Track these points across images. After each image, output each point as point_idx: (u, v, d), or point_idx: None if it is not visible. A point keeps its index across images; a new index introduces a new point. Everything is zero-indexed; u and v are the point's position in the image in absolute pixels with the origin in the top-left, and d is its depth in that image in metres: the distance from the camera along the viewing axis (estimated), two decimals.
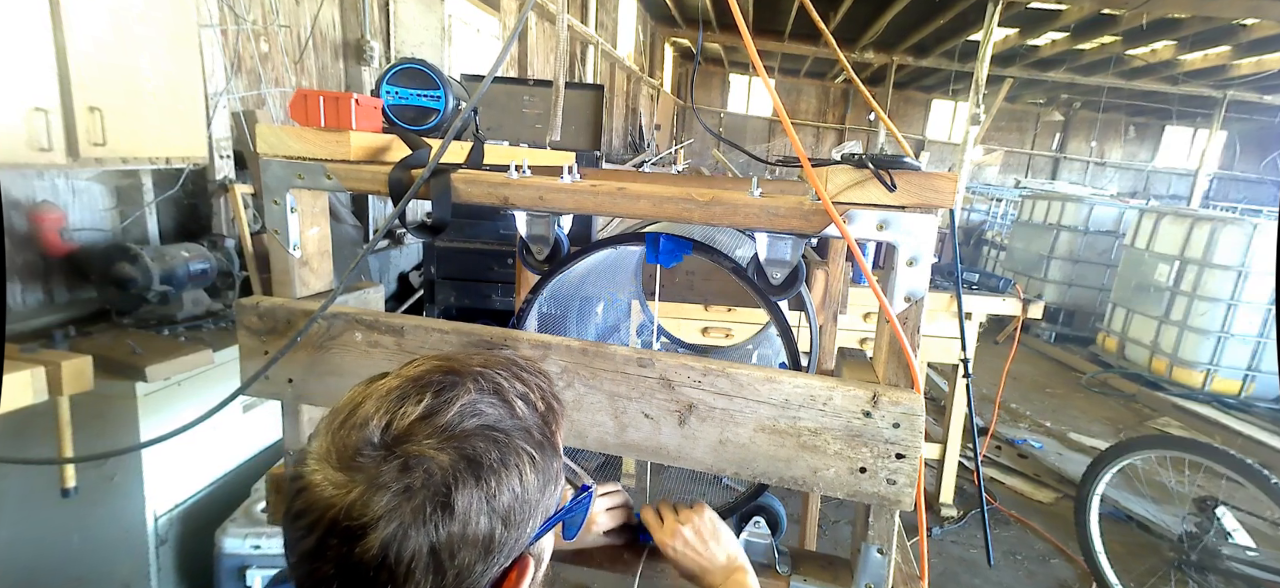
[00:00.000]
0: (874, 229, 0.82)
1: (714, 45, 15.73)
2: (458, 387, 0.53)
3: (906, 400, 0.82)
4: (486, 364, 0.58)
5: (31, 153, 1.91)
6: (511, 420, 0.54)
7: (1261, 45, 9.59)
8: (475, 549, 0.49)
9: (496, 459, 0.51)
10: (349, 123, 0.96)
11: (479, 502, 0.49)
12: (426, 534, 0.47)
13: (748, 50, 0.91)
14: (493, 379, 0.56)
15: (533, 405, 0.57)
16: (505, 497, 0.51)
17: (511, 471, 0.52)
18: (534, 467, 0.54)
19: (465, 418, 0.52)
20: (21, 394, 1.68)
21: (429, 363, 0.56)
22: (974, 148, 8.46)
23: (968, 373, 1.49)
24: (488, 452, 0.51)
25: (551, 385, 0.62)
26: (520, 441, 0.54)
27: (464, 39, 5.81)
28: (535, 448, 0.55)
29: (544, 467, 0.55)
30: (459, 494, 0.48)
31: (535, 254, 1.04)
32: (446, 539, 0.48)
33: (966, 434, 3.53)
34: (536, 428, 0.56)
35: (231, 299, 2.73)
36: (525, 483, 0.53)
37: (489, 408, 0.54)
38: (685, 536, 0.94)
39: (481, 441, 0.51)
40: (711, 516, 0.97)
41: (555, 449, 0.58)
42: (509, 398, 0.56)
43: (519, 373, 0.59)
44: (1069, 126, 19.40)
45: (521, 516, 0.52)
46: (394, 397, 0.52)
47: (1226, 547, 2.73)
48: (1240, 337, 5.47)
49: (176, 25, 2.37)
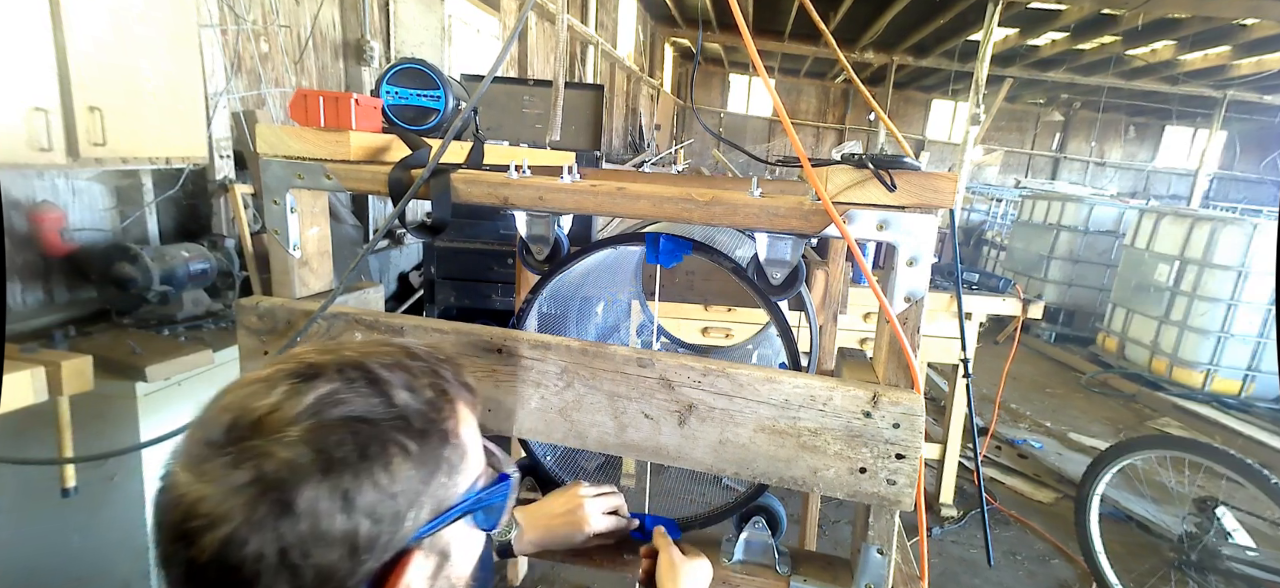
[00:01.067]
0: (874, 229, 0.82)
1: (714, 45, 15.74)
2: (318, 377, 0.51)
3: (906, 401, 0.82)
4: (365, 353, 0.55)
5: (31, 153, 1.91)
6: (385, 410, 0.51)
7: (1261, 45, 9.60)
8: (337, 548, 0.47)
9: (353, 452, 0.48)
10: (349, 123, 0.96)
11: (329, 498, 0.46)
12: (268, 535, 0.45)
13: (748, 50, 0.91)
14: (366, 368, 0.53)
15: (418, 393, 0.54)
16: (367, 492, 0.48)
17: (374, 463, 0.49)
18: (409, 458, 0.51)
19: (323, 409, 0.49)
20: (21, 394, 1.68)
21: (296, 355, 0.54)
22: (974, 148, 8.46)
23: (968, 373, 1.49)
24: (343, 444, 0.48)
25: (454, 372, 0.59)
26: (392, 431, 0.50)
27: (464, 39, 5.81)
28: (413, 438, 0.51)
29: (426, 457, 0.52)
30: (301, 492, 0.45)
31: (535, 254, 1.04)
32: (295, 540, 0.45)
33: (966, 434, 3.53)
34: (418, 416, 0.53)
35: (231, 299, 2.73)
36: (396, 475, 0.50)
37: (355, 398, 0.50)
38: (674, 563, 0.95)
39: (338, 433, 0.48)
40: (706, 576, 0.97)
41: (447, 438, 0.54)
42: (385, 387, 0.52)
43: (404, 362, 0.56)
44: (1069, 126, 19.40)
45: (394, 509, 0.49)
46: (247, 390, 0.50)
47: (1226, 547, 2.73)
48: (1240, 337, 5.47)
49: (176, 25, 2.37)
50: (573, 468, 1.21)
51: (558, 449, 1.19)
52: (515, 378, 0.92)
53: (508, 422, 0.94)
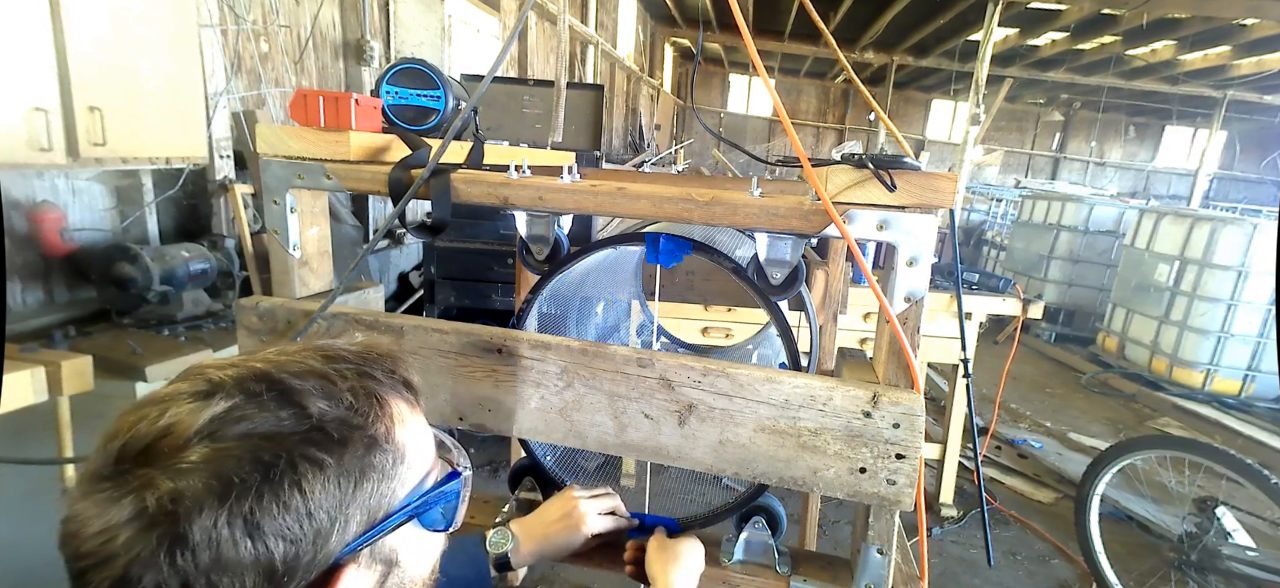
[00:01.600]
0: (874, 229, 0.82)
1: (714, 45, 15.74)
2: (214, 395, 0.47)
3: (906, 401, 0.82)
4: (274, 362, 0.51)
5: (31, 153, 1.91)
6: (295, 423, 0.47)
7: (1261, 45, 9.60)
8: (250, 575, 0.44)
9: (255, 474, 0.44)
10: (349, 123, 0.96)
11: (229, 526, 0.43)
12: (164, 571, 0.42)
13: (748, 50, 0.91)
14: (273, 378, 0.49)
15: (336, 399, 0.50)
16: (277, 515, 0.44)
17: (281, 483, 0.45)
18: (324, 472, 0.47)
19: (219, 429, 0.45)
20: (21, 394, 1.68)
21: (199, 369, 0.50)
22: (974, 148, 8.46)
23: (968, 373, 1.49)
24: (242, 467, 0.44)
25: (387, 369, 0.56)
26: (303, 446, 0.46)
27: (464, 39, 5.81)
28: (331, 450, 0.48)
29: (348, 468, 0.48)
30: (196, 522, 0.42)
31: (535, 254, 1.04)
32: (197, 573, 0.42)
33: (966, 434, 3.53)
34: (338, 424, 0.49)
35: (231, 299, 2.74)
36: (309, 493, 0.46)
37: (259, 413, 0.46)
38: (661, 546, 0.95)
39: (237, 454, 0.44)
40: (697, 555, 0.98)
41: (374, 443, 0.51)
42: (297, 397, 0.48)
43: (320, 367, 0.52)
44: (1069, 126, 19.41)
45: (314, 528, 0.46)
46: (140, 413, 0.46)
47: (1226, 547, 2.73)
48: (1240, 337, 5.47)
49: (176, 25, 2.37)
50: (573, 468, 1.21)
51: (558, 449, 1.19)
52: (515, 378, 0.92)
53: (508, 422, 0.94)
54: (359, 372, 0.53)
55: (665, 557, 0.94)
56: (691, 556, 0.96)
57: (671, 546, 0.96)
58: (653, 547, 0.96)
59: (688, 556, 0.96)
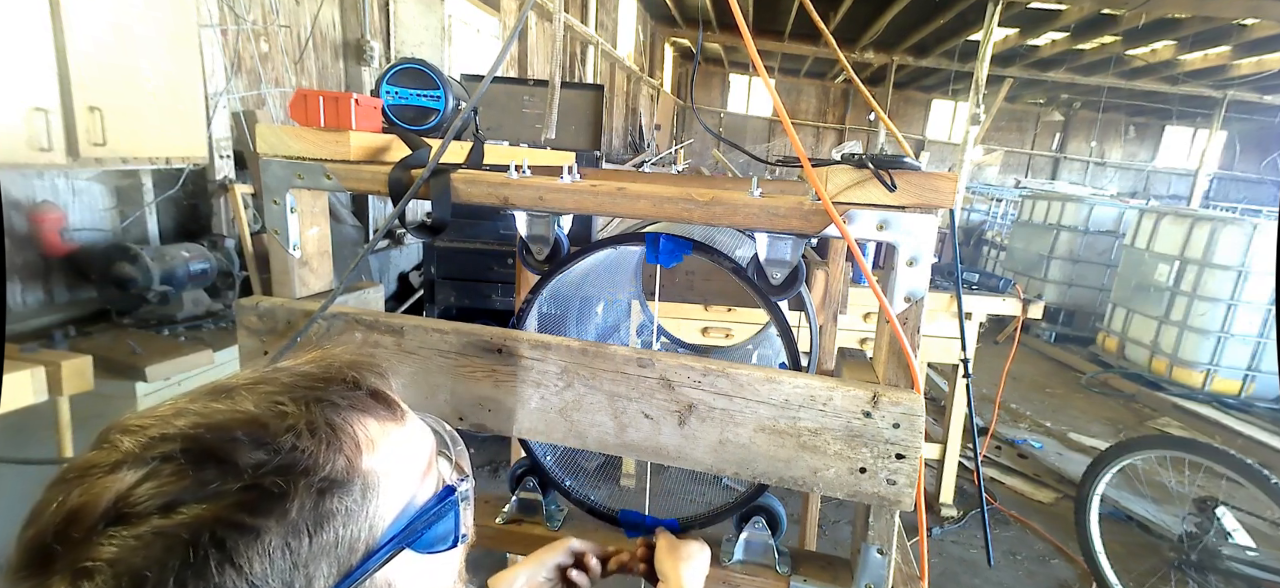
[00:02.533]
0: (874, 229, 0.82)
1: (714, 45, 15.74)
2: (119, 467, 0.39)
3: (906, 401, 0.82)
4: (200, 415, 0.43)
5: (31, 153, 1.91)
6: (222, 485, 0.39)
7: (1261, 45, 9.60)
8: None
9: (174, 562, 0.36)
10: (349, 123, 0.96)
11: None
12: None
13: (748, 50, 0.91)
14: (192, 435, 0.41)
15: (273, 444, 0.42)
16: None
17: (212, 567, 0.37)
18: (261, 538, 0.39)
19: (130, 509, 0.37)
20: (21, 394, 1.68)
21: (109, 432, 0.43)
22: (974, 148, 8.46)
23: (968, 373, 1.49)
24: (157, 557, 0.36)
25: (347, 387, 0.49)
26: (235, 513, 0.39)
27: (464, 39, 5.81)
28: (272, 509, 0.40)
29: (298, 524, 0.41)
30: None
31: (535, 254, 1.04)
32: None
33: (966, 434, 3.53)
34: (277, 475, 0.41)
35: (231, 299, 2.74)
36: (250, 566, 0.38)
37: (178, 481, 0.38)
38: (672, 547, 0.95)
39: (149, 543, 0.36)
40: (705, 554, 0.97)
41: (331, 485, 0.43)
42: (226, 453, 0.40)
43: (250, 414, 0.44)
44: (1069, 126, 19.41)
45: None
46: (59, 488, 0.40)
47: (1226, 547, 2.73)
48: (1240, 337, 5.47)
49: (176, 25, 2.37)
50: (573, 468, 1.21)
51: (558, 449, 1.19)
52: (515, 378, 0.92)
53: (508, 422, 0.94)
54: (309, 400, 0.46)
55: (675, 555, 0.94)
56: (700, 554, 0.97)
57: (681, 544, 0.97)
58: (662, 546, 0.96)
59: (697, 554, 0.96)
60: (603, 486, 1.23)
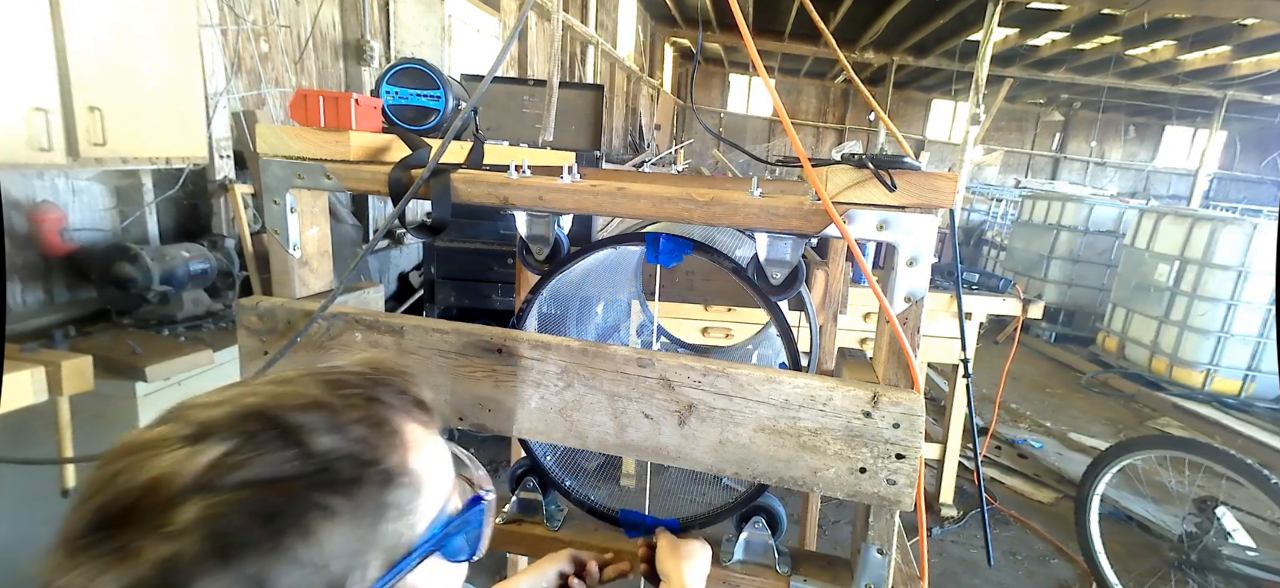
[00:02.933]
0: (874, 229, 0.82)
1: (714, 45, 15.74)
2: (209, 436, 0.42)
3: (906, 400, 0.82)
4: (273, 396, 0.46)
5: (31, 153, 1.91)
6: (300, 464, 0.42)
7: (1261, 45, 9.59)
8: None
9: (260, 529, 0.39)
10: (349, 123, 0.96)
11: None
12: None
13: (748, 50, 0.91)
14: (272, 416, 0.44)
15: (344, 432, 0.45)
16: (286, 571, 0.40)
17: (288, 536, 0.40)
18: (336, 518, 0.42)
19: (216, 479, 0.40)
20: (21, 394, 1.68)
21: (192, 406, 0.45)
22: (974, 148, 8.46)
23: (968, 373, 1.49)
24: (243, 523, 0.39)
25: (398, 391, 0.51)
26: (309, 491, 0.42)
27: (464, 39, 5.81)
28: (342, 492, 0.43)
29: (362, 509, 0.44)
30: None
31: (535, 254, 1.04)
32: None
33: (966, 434, 3.53)
34: (348, 461, 0.44)
35: (231, 299, 2.74)
36: (320, 543, 0.41)
37: (259, 457, 0.42)
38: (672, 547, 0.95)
39: (237, 508, 0.39)
40: (706, 554, 0.97)
41: (389, 477, 0.46)
42: (299, 435, 0.43)
43: (322, 399, 0.47)
44: (1069, 126, 19.41)
45: (328, 579, 0.42)
46: (124, 462, 0.41)
47: (1226, 547, 2.73)
48: (1240, 337, 5.47)
49: (176, 25, 2.37)
50: (573, 468, 1.21)
51: (558, 449, 1.19)
52: (515, 378, 0.92)
53: (508, 422, 0.94)
54: (366, 397, 0.49)
55: (677, 555, 0.94)
56: (702, 554, 0.97)
57: (682, 544, 0.97)
58: (663, 546, 0.96)
59: (699, 554, 0.96)
60: (603, 486, 1.23)
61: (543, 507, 1.12)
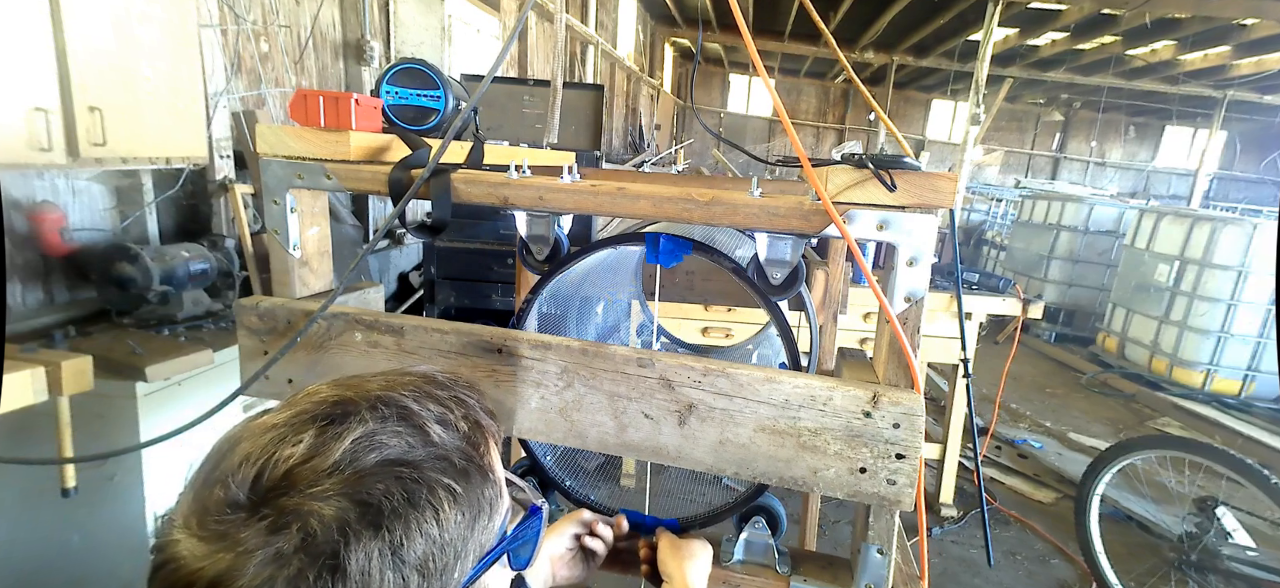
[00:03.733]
0: (874, 229, 0.82)
1: (714, 45, 15.74)
2: (349, 418, 0.45)
3: (906, 401, 0.82)
4: (390, 386, 0.49)
5: (31, 153, 1.91)
6: (424, 450, 0.46)
7: (1261, 45, 9.60)
8: None
9: (402, 501, 0.43)
10: (349, 123, 0.96)
11: (381, 556, 0.41)
12: None
13: (748, 50, 0.91)
14: (397, 403, 0.47)
15: (453, 427, 0.49)
16: (418, 544, 0.43)
17: (424, 511, 0.43)
18: (455, 502, 0.45)
19: (360, 455, 0.43)
20: (21, 394, 1.68)
21: (317, 393, 0.49)
22: (974, 148, 8.46)
23: (968, 373, 1.49)
24: (390, 493, 0.42)
25: (479, 399, 0.54)
26: (435, 473, 0.45)
27: (464, 39, 5.81)
28: (457, 479, 0.46)
29: (470, 499, 0.47)
30: (352, 552, 0.40)
31: (535, 254, 1.04)
32: None
33: (966, 434, 3.53)
34: (458, 453, 0.48)
35: (231, 299, 2.73)
36: (444, 523, 0.44)
37: (392, 439, 0.45)
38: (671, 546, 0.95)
39: (381, 480, 0.43)
40: (708, 554, 0.98)
41: (485, 474, 0.49)
42: (420, 423, 0.47)
43: (432, 391, 0.50)
44: (1069, 126, 19.40)
45: (444, 561, 0.44)
46: (269, 438, 0.44)
47: (1226, 547, 2.73)
48: (1240, 337, 5.47)
49: (176, 25, 2.37)
50: (573, 468, 1.21)
51: (558, 449, 1.19)
52: (515, 378, 0.92)
53: (508, 422, 0.94)
54: (458, 399, 0.52)
55: (679, 555, 0.94)
56: (703, 554, 0.97)
57: (684, 544, 0.97)
58: (665, 546, 0.97)
59: (700, 553, 0.96)
60: (603, 486, 1.23)
61: None
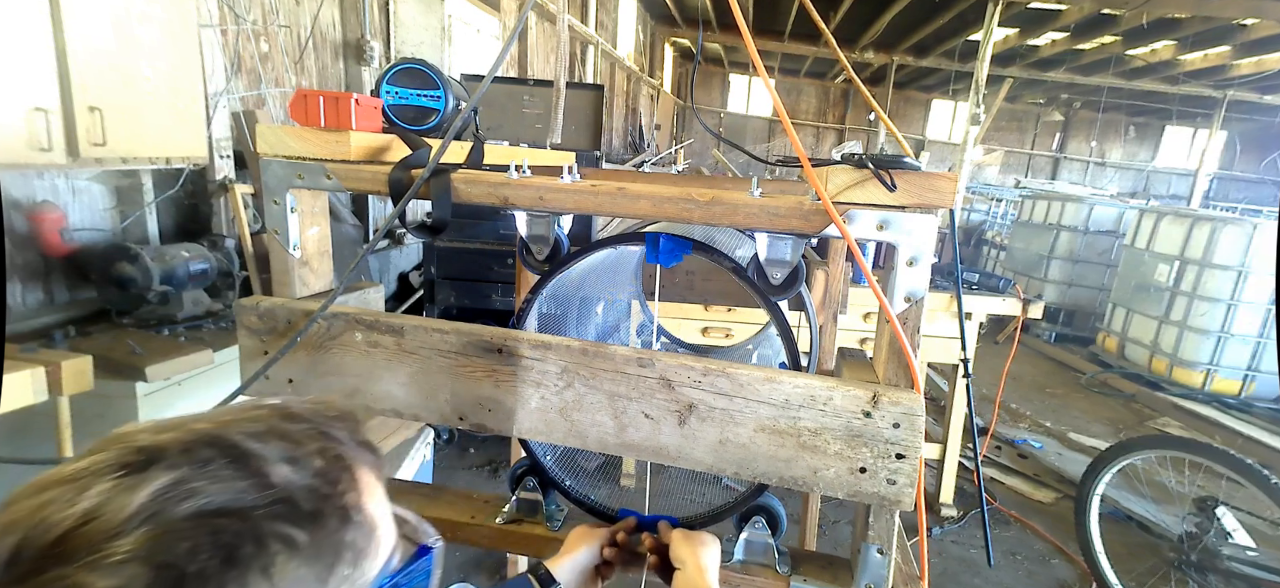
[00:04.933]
0: (874, 229, 0.82)
1: (714, 45, 15.73)
2: (155, 463, 0.38)
3: (906, 400, 0.81)
4: (224, 424, 0.42)
5: (31, 153, 1.91)
6: (259, 494, 0.39)
7: (1261, 45, 9.59)
8: None
9: (215, 560, 0.36)
10: (349, 123, 0.96)
11: None
12: None
13: (748, 50, 0.91)
14: (226, 442, 0.40)
15: (303, 464, 0.42)
16: None
17: (247, 569, 0.37)
18: (295, 552, 0.39)
19: (165, 508, 0.36)
20: (21, 394, 1.68)
21: (126, 438, 0.41)
22: (974, 148, 8.46)
23: (968, 373, 1.49)
24: (197, 552, 0.35)
25: (351, 430, 0.48)
26: (270, 521, 0.38)
27: (464, 39, 5.81)
28: (301, 525, 0.40)
29: (321, 546, 0.41)
30: None
31: (535, 254, 1.04)
32: None
33: (966, 434, 3.53)
34: (307, 495, 0.41)
35: (231, 299, 2.74)
36: (278, 579, 0.38)
37: (212, 485, 0.38)
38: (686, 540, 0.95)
39: (189, 537, 0.36)
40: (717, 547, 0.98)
41: (347, 515, 0.43)
42: (258, 464, 0.40)
43: (280, 426, 0.44)
44: (1069, 126, 19.40)
45: None
46: (45, 498, 0.36)
47: (1226, 547, 2.73)
48: (1240, 337, 5.47)
49: (176, 25, 2.37)
50: (573, 468, 1.21)
51: (558, 449, 1.19)
52: (515, 378, 0.92)
53: (508, 422, 0.94)
54: (320, 432, 0.46)
55: (692, 543, 0.94)
56: (714, 544, 0.97)
57: (695, 534, 0.97)
58: (677, 535, 0.97)
59: (711, 543, 0.97)
60: (603, 486, 1.23)
61: (543, 507, 1.12)
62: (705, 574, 0.90)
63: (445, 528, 1.11)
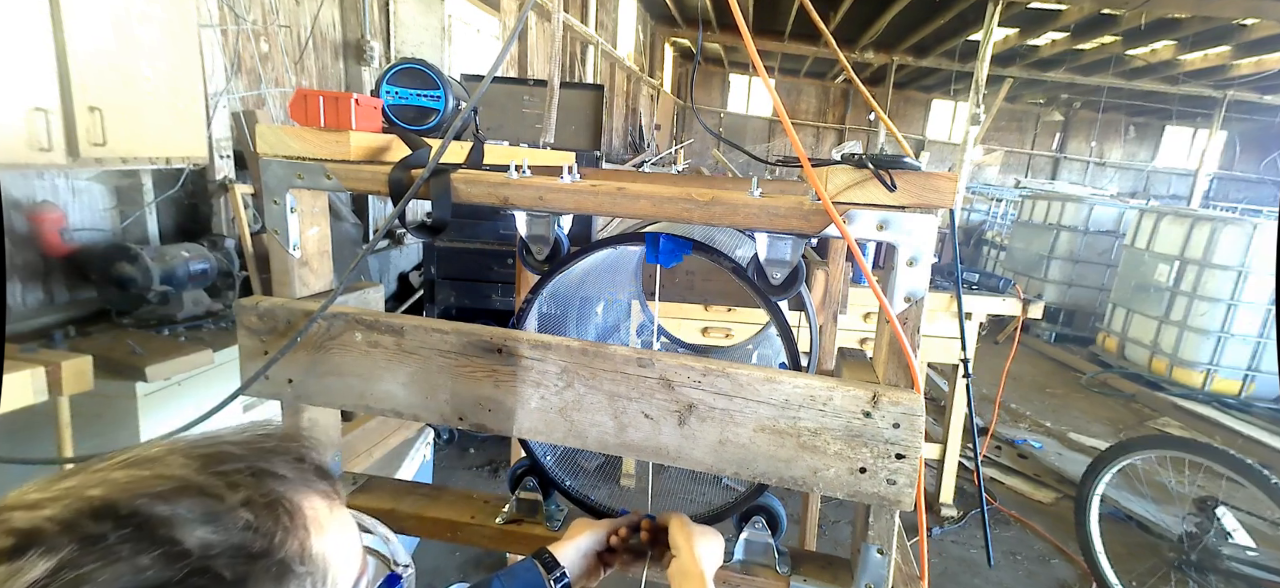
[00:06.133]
0: (874, 229, 0.82)
1: (714, 45, 15.73)
2: (30, 549, 0.31)
3: (906, 400, 0.81)
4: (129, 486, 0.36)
5: (31, 153, 1.91)
6: (170, 570, 0.33)
7: (1261, 45, 9.59)
8: None
9: None
10: (349, 123, 0.96)
11: None
12: None
13: (748, 50, 0.91)
14: (125, 509, 0.34)
15: (223, 520, 0.36)
16: None
17: None
18: None
19: None
20: (21, 394, 1.68)
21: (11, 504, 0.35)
22: (974, 148, 8.46)
23: (968, 373, 1.49)
24: None
25: (293, 461, 0.44)
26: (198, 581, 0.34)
27: (464, 39, 5.81)
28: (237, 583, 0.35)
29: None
30: None
31: (535, 254, 1.04)
32: None
33: (966, 434, 3.53)
34: (232, 557, 0.36)
35: (231, 299, 2.74)
36: None
37: (104, 571, 0.32)
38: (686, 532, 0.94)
39: None
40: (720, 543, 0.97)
41: (287, 569, 0.38)
42: (168, 532, 0.34)
43: (195, 480, 0.38)
44: (1069, 126, 19.40)
45: None
46: None
47: (1226, 547, 2.73)
48: (1240, 337, 5.47)
49: (176, 25, 2.37)
50: (573, 468, 1.21)
51: (558, 449, 1.19)
52: (515, 378, 0.92)
53: (508, 422, 0.94)
54: (253, 472, 0.40)
55: (688, 531, 0.93)
56: (715, 540, 0.96)
57: (697, 526, 0.96)
58: (676, 523, 0.95)
59: (711, 537, 0.95)
60: (603, 486, 1.23)
61: (543, 507, 1.12)
62: (698, 563, 0.89)
63: (445, 528, 1.11)
